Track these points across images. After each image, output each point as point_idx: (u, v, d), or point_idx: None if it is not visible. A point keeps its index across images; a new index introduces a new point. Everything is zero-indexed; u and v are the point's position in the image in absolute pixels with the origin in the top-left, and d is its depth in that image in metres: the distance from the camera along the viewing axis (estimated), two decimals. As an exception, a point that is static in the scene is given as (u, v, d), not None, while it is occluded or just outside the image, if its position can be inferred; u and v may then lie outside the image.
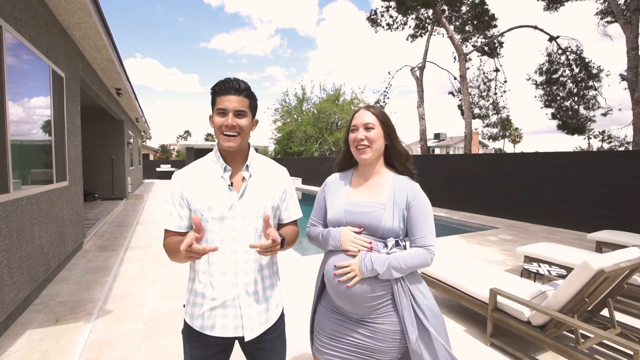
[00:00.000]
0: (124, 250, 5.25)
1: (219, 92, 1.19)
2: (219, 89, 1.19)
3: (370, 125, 1.33)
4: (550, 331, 2.28)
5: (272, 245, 1.08)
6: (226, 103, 1.17)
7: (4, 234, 2.76)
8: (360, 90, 37.27)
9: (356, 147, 1.35)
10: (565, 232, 6.90)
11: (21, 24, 3.23)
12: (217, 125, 1.19)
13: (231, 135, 1.18)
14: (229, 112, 1.18)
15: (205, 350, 1.22)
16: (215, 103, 1.20)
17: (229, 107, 1.17)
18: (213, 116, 1.22)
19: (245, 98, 1.21)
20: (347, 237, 1.29)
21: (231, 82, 1.19)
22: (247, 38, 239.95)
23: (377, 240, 1.29)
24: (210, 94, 1.23)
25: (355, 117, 1.38)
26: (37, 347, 2.53)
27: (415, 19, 17.42)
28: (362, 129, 1.34)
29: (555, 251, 3.85)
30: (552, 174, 7.54)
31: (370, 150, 1.33)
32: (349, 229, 1.31)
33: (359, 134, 1.34)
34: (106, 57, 6.07)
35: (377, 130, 1.33)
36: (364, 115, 1.36)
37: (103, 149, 11.09)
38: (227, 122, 1.17)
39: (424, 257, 1.27)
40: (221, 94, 1.18)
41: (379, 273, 1.22)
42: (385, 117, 1.37)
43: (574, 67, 13.84)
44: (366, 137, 1.32)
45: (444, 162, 10.74)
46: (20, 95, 3.26)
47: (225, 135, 1.18)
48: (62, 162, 4.47)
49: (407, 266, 1.23)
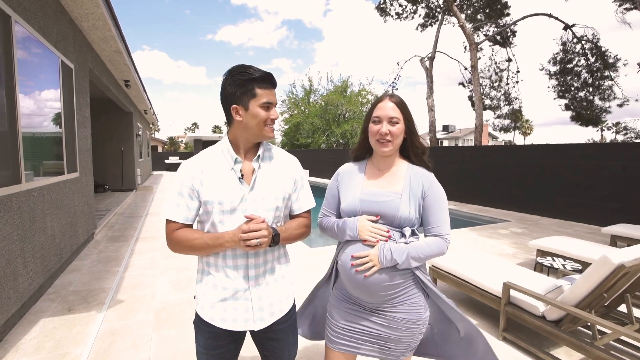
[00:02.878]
0: (134, 241, 5.31)
1: (264, 84, 1.16)
2: (262, 81, 1.16)
3: (395, 119, 1.29)
4: (566, 326, 2.23)
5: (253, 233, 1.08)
6: (271, 97, 1.18)
7: (17, 224, 2.79)
8: (368, 82, 36.99)
9: (377, 140, 1.32)
10: (578, 225, 6.77)
11: (30, 14, 3.21)
12: (262, 118, 1.17)
13: (273, 128, 1.23)
14: (273, 106, 1.20)
15: (217, 341, 1.22)
16: (255, 94, 1.15)
17: (274, 101, 1.19)
18: (251, 107, 1.16)
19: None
20: (365, 227, 1.26)
21: (272, 76, 1.18)
22: (253, 30, 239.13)
23: (393, 229, 1.27)
24: (245, 82, 1.14)
25: (379, 107, 1.32)
26: (51, 335, 2.57)
27: (426, 7, 17.08)
28: (387, 122, 1.29)
29: (569, 245, 3.77)
30: (563, 166, 7.38)
31: (391, 144, 1.31)
32: (366, 218, 1.28)
33: (383, 127, 1.29)
34: (114, 49, 6.06)
35: (400, 125, 1.30)
36: (389, 107, 1.30)
37: (112, 140, 11.19)
38: (275, 116, 1.21)
39: (440, 245, 1.27)
40: (266, 87, 1.17)
41: (398, 263, 1.20)
42: (407, 111, 1.33)
43: (590, 56, 13.45)
44: (390, 132, 1.29)
45: (452, 154, 10.59)
46: (30, 88, 3.26)
47: (270, 127, 1.21)
48: (72, 153, 4.50)
49: (425, 255, 1.23)
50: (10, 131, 2.81)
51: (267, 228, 1.11)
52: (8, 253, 2.63)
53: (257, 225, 1.09)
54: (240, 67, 1.16)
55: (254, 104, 1.15)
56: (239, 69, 1.16)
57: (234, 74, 1.15)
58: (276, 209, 1.22)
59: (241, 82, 1.14)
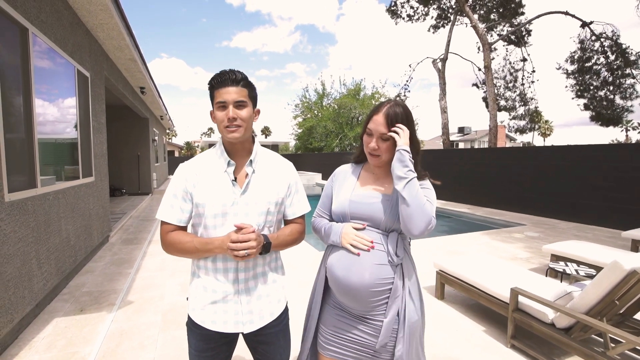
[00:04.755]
0: (147, 244, 5.42)
1: (216, 85, 1.16)
2: (215, 82, 1.16)
3: (386, 136, 1.25)
4: (576, 334, 2.15)
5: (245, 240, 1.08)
6: (225, 96, 1.14)
7: (32, 226, 2.90)
8: (381, 85, 36.83)
9: (369, 152, 1.30)
10: (598, 229, 6.52)
11: (47, 26, 3.36)
12: (218, 119, 1.17)
13: (234, 127, 1.16)
14: (229, 105, 1.15)
15: (208, 343, 1.23)
16: (214, 97, 1.17)
17: (228, 99, 1.14)
18: (214, 111, 1.19)
19: (244, 88, 1.17)
20: (349, 234, 1.25)
21: (227, 74, 1.15)
22: (267, 36, 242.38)
23: (380, 233, 1.25)
24: (210, 87, 1.19)
25: (373, 120, 1.27)
26: (63, 334, 2.66)
27: (437, 8, 16.92)
28: (377, 137, 1.26)
29: (585, 249, 3.63)
30: (582, 168, 7.13)
31: (382, 158, 1.28)
32: (351, 226, 1.27)
33: (373, 142, 1.27)
34: (129, 57, 6.25)
35: (391, 142, 1.26)
36: (380, 122, 1.24)
37: (129, 146, 11.50)
38: (229, 115, 1.14)
39: (428, 208, 1.16)
40: (219, 87, 1.15)
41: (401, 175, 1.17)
42: (402, 122, 1.25)
43: (610, 54, 12.99)
44: (379, 147, 1.26)
45: (466, 156, 10.40)
46: (46, 95, 3.40)
47: (227, 127, 1.16)
48: (88, 158, 4.66)
49: (417, 198, 1.15)
50: (27, 138, 2.94)
51: (256, 238, 1.10)
52: (23, 254, 2.73)
53: (245, 236, 1.08)
54: (213, 75, 1.19)
55: (215, 106, 1.18)
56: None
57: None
58: (268, 213, 1.22)
59: (209, 88, 1.19)
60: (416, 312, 1.25)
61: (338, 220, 1.36)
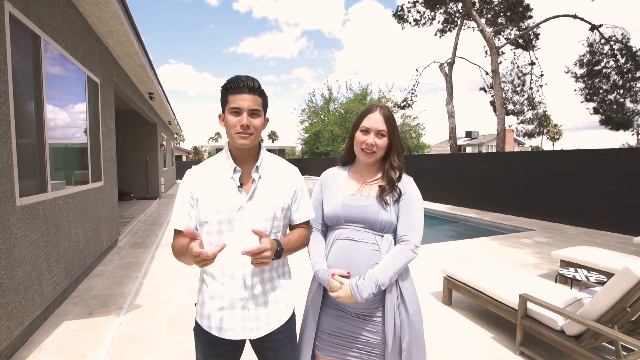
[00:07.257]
0: (155, 248, 5.47)
1: (232, 90, 1.16)
2: (231, 87, 1.16)
3: (383, 132, 1.33)
4: (587, 342, 2.11)
5: (259, 253, 1.03)
6: (240, 102, 1.14)
7: (42, 230, 2.95)
8: (387, 89, 36.85)
9: (362, 148, 1.35)
10: (609, 235, 6.41)
11: (58, 33, 3.44)
12: (230, 124, 1.16)
13: (246, 134, 1.16)
14: (243, 112, 1.14)
15: (215, 349, 1.23)
16: (227, 101, 1.17)
17: (243, 106, 1.14)
18: (225, 115, 1.19)
19: (259, 97, 1.18)
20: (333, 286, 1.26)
21: (244, 80, 1.15)
22: (274, 41, 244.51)
23: (375, 233, 1.30)
24: (220, 92, 1.20)
25: (369, 118, 1.35)
26: (72, 337, 2.69)
27: (444, 13, 16.91)
28: (374, 134, 1.33)
29: (595, 255, 3.57)
30: (593, 172, 7.02)
31: (376, 155, 1.35)
32: (335, 280, 1.26)
33: (370, 138, 1.33)
34: (138, 63, 6.35)
35: (387, 138, 1.34)
36: (378, 119, 1.33)
37: (137, 150, 11.65)
38: (243, 122, 1.13)
39: (407, 255, 1.26)
40: (234, 92, 1.15)
41: (375, 292, 1.20)
42: (394, 123, 1.37)
43: (619, 57, 12.83)
44: (376, 144, 1.33)
45: (473, 160, 10.30)
46: (57, 101, 3.47)
47: (239, 134, 1.16)
48: (97, 163, 4.73)
49: (395, 272, 1.22)
50: (38, 143, 3.00)
51: (269, 244, 1.06)
52: (34, 258, 2.78)
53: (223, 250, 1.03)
54: (229, 79, 1.20)
55: (227, 111, 1.17)
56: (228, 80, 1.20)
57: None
58: (275, 219, 1.22)
59: (222, 92, 1.20)
60: (412, 305, 1.29)
61: (332, 224, 1.38)
